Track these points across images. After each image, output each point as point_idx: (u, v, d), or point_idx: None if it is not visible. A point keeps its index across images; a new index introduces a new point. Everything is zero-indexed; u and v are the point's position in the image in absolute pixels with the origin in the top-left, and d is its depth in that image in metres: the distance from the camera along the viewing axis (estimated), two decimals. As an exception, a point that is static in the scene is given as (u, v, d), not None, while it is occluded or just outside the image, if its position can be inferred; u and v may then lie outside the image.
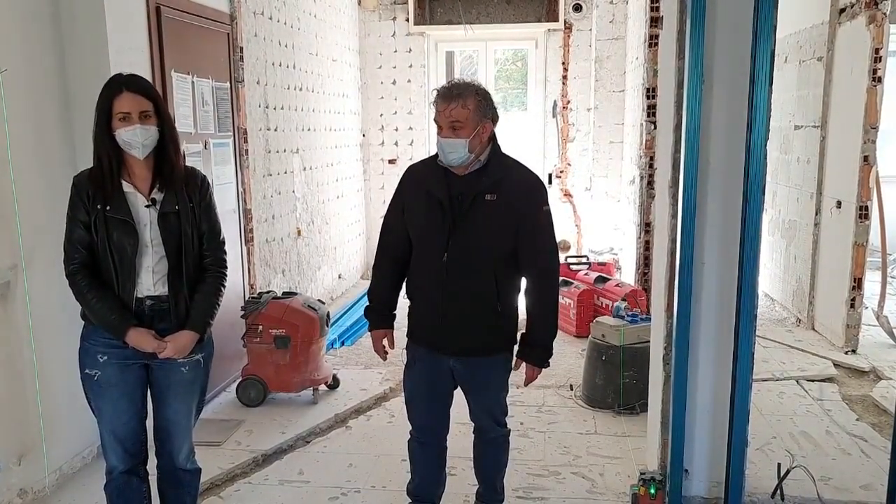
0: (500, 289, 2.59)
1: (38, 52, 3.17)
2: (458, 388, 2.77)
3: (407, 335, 2.76)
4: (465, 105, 2.44)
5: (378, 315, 2.79)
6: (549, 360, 2.73)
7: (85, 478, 3.33)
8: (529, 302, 2.67)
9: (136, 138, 2.33)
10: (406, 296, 2.73)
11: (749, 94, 2.69)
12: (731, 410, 2.86)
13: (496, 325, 2.64)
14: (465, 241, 2.51)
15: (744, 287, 2.77)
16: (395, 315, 2.81)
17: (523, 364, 2.73)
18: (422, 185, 2.59)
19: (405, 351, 2.79)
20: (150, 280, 2.43)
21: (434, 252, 2.54)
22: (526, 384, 2.79)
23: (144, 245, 2.40)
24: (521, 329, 2.74)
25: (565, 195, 7.92)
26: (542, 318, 2.68)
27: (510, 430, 2.91)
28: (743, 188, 2.74)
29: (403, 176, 2.71)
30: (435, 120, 2.50)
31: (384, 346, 2.81)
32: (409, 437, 2.87)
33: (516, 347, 2.73)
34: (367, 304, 2.82)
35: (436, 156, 2.63)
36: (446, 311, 2.58)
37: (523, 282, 2.68)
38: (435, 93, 2.53)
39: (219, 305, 2.55)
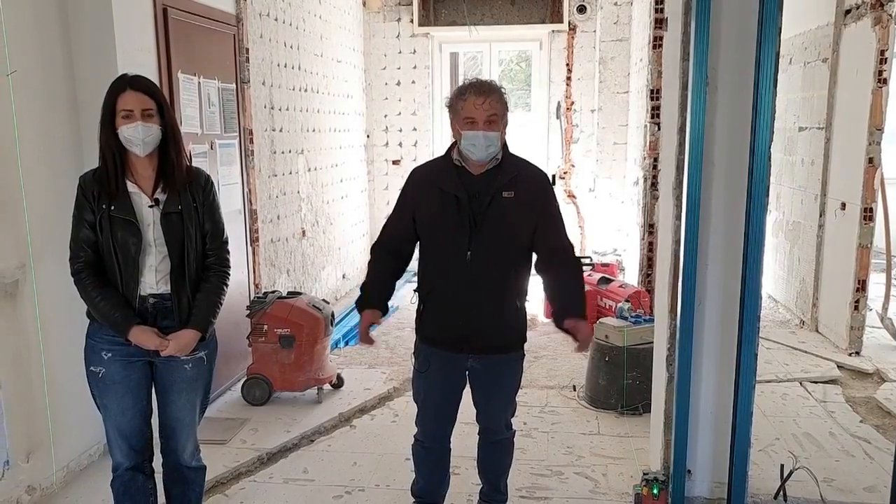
0: (519, 285, 2.64)
1: (46, 54, 3.20)
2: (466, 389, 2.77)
3: (419, 338, 2.74)
4: (499, 99, 2.49)
5: (364, 299, 2.69)
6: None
7: (92, 475, 3.35)
8: (558, 282, 2.64)
9: (137, 135, 2.35)
10: (417, 297, 2.71)
11: (753, 95, 2.70)
12: (735, 411, 2.87)
13: (515, 321, 2.67)
14: (488, 238, 2.53)
15: (747, 288, 2.78)
16: (386, 305, 2.74)
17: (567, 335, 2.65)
18: (434, 185, 2.58)
19: (413, 356, 2.78)
20: (154, 279, 2.45)
21: (456, 251, 2.54)
22: (585, 346, 2.68)
23: (148, 244, 2.42)
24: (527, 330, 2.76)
25: (569, 196, 7.93)
26: (577, 290, 2.64)
27: (515, 431, 2.92)
28: (747, 190, 2.75)
29: (410, 179, 2.70)
30: (467, 116, 2.47)
31: (369, 326, 2.69)
32: (414, 441, 2.87)
33: (526, 346, 2.75)
34: (360, 295, 2.73)
35: (442, 157, 2.65)
36: (471, 309, 2.58)
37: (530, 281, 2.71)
38: (461, 89, 2.52)
39: (221, 304, 2.57)
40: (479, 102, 2.47)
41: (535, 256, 2.66)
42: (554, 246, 2.63)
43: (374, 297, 2.71)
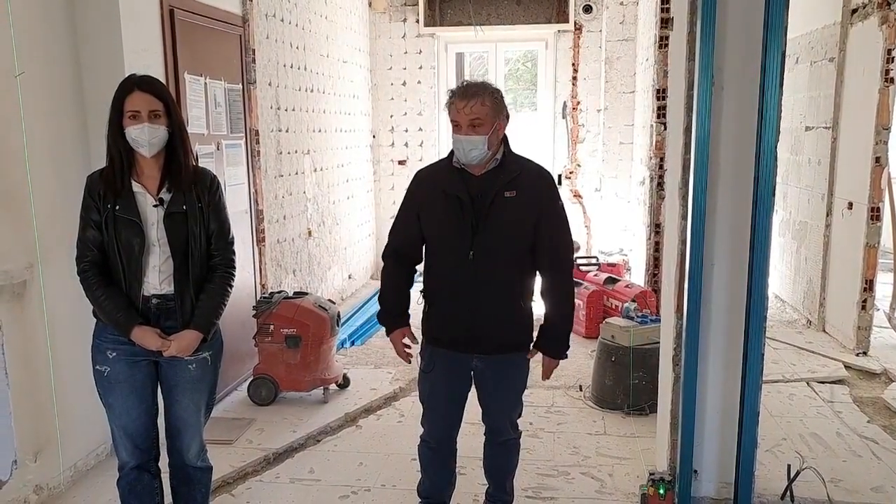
0: (523, 284, 2.64)
1: (54, 55, 3.21)
2: (472, 389, 2.78)
3: (425, 338, 2.75)
4: (484, 102, 2.48)
5: (394, 317, 2.77)
6: (567, 353, 2.74)
7: (99, 474, 3.37)
8: (548, 295, 2.68)
9: (144, 136, 2.36)
10: (423, 298, 2.72)
11: (760, 95, 2.69)
12: (741, 411, 2.86)
13: (519, 321, 2.68)
14: (490, 238, 2.53)
15: (754, 288, 2.77)
16: (409, 315, 2.79)
17: (538, 356, 2.73)
18: (437, 186, 2.60)
19: (419, 355, 2.79)
20: (157, 279, 2.45)
21: (459, 251, 2.55)
22: (545, 377, 2.77)
23: (151, 244, 2.43)
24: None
25: (575, 196, 7.92)
26: (562, 309, 2.69)
27: (521, 432, 2.92)
28: (753, 189, 2.74)
29: (414, 181, 2.71)
30: (453, 119, 2.52)
31: (406, 346, 2.77)
32: (420, 441, 2.87)
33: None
34: (381, 308, 2.79)
35: (445, 159, 2.66)
36: (475, 309, 2.58)
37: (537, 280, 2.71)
38: (450, 93, 2.55)
39: (224, 305, 2.57)
40: (461, 106, 2.48)
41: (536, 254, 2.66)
42: (553, 246, 2.62)
43: (399, 316, 2.77)
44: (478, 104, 2.47)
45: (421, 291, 2.73)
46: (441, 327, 2.68)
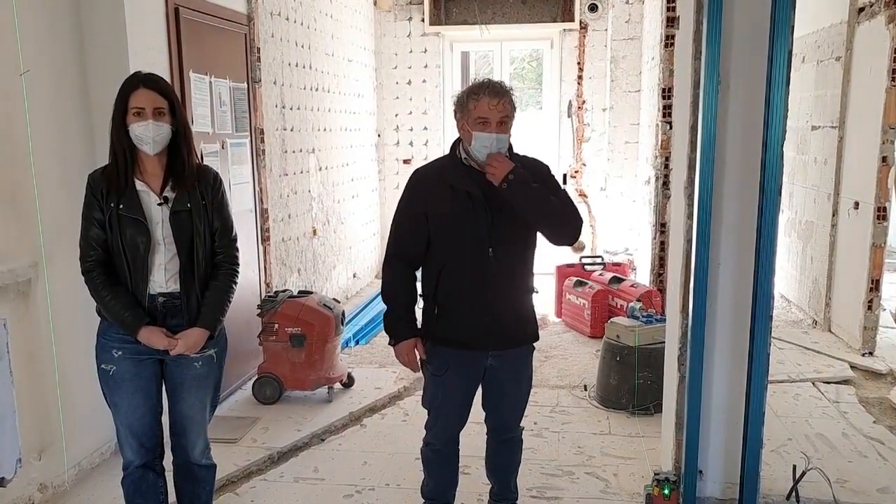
0: (531, 277, 2.67)
1: (59, 53, 3.22)
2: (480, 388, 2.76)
3: (433, 341, 2.66)
4: (510, 102, 2.51)
5: (405, 324, 2.67)
6: (535, 186, 2.51)
7: (103, 473, 3.37)
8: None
9: (148, 133, 2.36)
10: (430, 300, 2.64)
11: (766, 94, 2.68)
12: (746, 411, 2.85)
13: (532, 312, 2.71)
14: (505, 234, 2.54)
15: (759, 288, 2.76)
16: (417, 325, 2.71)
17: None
18: (444, 184, 2.56)
19: (425, 362, 2.72)
20: (163, 277, 2.45)
21: (477, 248, 2.53)
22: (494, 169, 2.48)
23: (156, 243, 2.43)
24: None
25: (580, 195, 7.91)
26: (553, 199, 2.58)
27: (524, 428, 2.92)
28: (759, 189, 2.73)
29: (416, 181, 2.65)
30: (479, 116, 2.46)
31: (416, 356, 2.68)
32: (424, 445, 2.84)
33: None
34: (390, 314, 2.69)
35: (445, 158, 2.66)
36: (494, 306, 2.57)
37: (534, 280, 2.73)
38: (475, 89, 2.49)
39: (230, 302, 2.58)
40: (493, 103, 2.46)
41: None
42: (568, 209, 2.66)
43: (412, 323, 2.67)
44: (507, 102, 2.49)
45: (422, 294, 2.69)
46: (457, 327, 2.60)
